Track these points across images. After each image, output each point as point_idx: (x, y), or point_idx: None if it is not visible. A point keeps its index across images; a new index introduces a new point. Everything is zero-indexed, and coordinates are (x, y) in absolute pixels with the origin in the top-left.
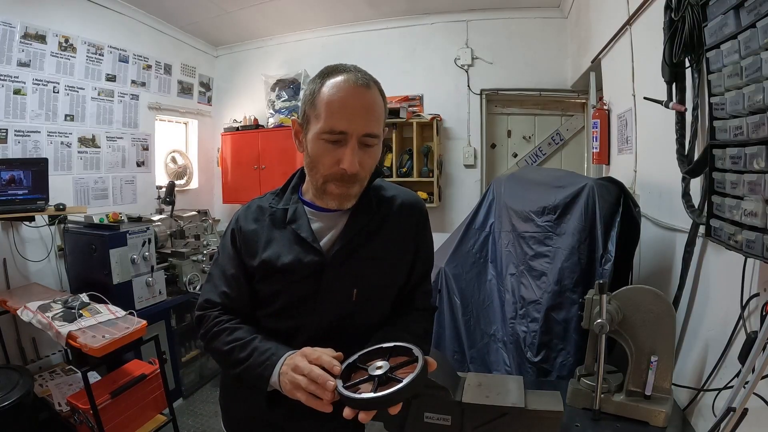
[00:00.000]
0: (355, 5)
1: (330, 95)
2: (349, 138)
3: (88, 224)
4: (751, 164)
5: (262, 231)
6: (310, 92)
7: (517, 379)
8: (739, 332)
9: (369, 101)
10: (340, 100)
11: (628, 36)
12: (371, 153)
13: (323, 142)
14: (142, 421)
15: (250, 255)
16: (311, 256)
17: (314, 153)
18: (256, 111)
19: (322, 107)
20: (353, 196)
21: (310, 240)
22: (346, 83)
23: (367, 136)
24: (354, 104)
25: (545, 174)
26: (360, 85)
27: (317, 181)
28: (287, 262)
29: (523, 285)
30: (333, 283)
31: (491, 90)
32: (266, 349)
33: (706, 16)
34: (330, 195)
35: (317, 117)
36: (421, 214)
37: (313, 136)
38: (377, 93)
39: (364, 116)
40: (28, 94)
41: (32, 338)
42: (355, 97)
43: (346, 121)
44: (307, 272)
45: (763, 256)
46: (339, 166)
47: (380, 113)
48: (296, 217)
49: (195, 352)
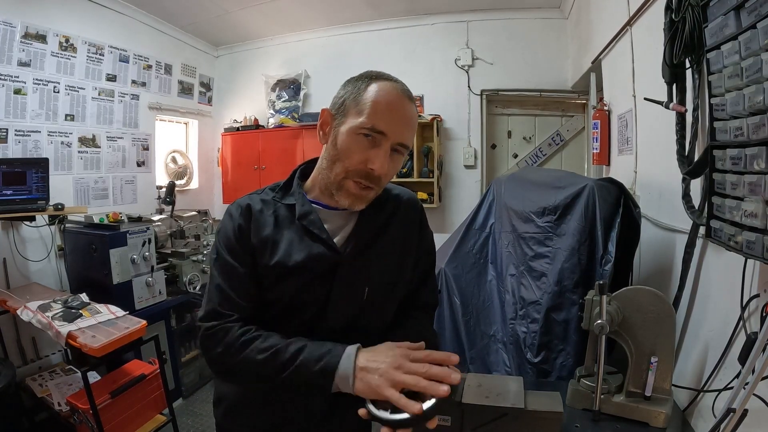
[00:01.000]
0: (356, 5)
1: (378, 95)
2: (386, 140)
3: (88, 224)
4: (752, 165)
5: (269, 228)
6: (355, 88)
7: (517, 379)
8: (739, 333)
9: (411, 113)
10: (388, 103)
11: (628, 37)
12: (397, 162)
13: (359, 137)
14: (142, 421)
15: (261, 254)
16: (326, 254)
17: (344, 146)
18: (257, 111)
19: (368, 104)
20: (367, 200)
21: (324, 237)
22: (395, 90)
23: (400, 144)
24: (399, 111)
25: (545, 174)
26: (406, 96)
27: (337, 175)
28: (299, 260)
29: (523, 285)
30: (346, 282)
31: (491, 90)
32: (320, 344)
33: (707, 17)
34: (346, 192)
35: (359, 112)
36: (421, 211)
37: (349, 130)
38: (415, 108)
39: (405, 125)
40: (28, 94)
41: (32, 338)
42: (401, 104)
43: (388, 123)
44: (320, 271)
45: (764, 257)
46: (366, 165)
47: (415, 127)
48: (307, 213)
49: (195, 352)
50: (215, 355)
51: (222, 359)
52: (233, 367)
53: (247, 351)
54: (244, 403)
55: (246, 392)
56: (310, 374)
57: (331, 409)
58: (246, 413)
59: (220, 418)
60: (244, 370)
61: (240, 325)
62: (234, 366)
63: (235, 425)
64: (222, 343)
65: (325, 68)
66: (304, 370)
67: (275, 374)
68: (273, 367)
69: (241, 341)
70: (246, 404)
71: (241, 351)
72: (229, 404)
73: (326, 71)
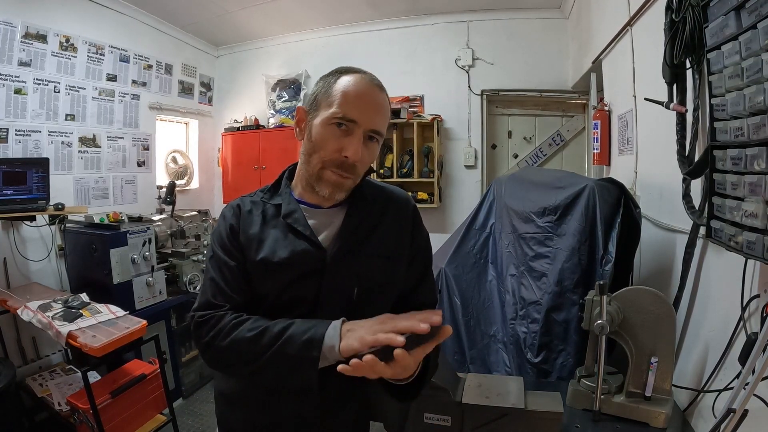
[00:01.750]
0: (356, 5)
1: (347, 85)
2: (358, 128)
3: (89, 224)
4: (752, 165)
5: (256, 227)
6: (325, 83)
7: (517, 379)
8: (740, 333)
9: (381, 100)
10: (356, 92)
11: (628, 37)
12: (372, 150)
13: (331, 128)
14: (142, 420)
15: (248, 252)
16: (309, 251)
17: (318, 138)
18: (257, 111)
19: (338, 94)
20: (346, 188)
21: (308, 234)
22: (363, 80)
23: (373, 131)
24: (368, 98)
25: (546, 175)
26: (375, 84)
27: (314, 167)
28: (284, 257)
29: (524, 286)
30: (334, 283)
31: (492, 90)
32: (308, 321)
33: (707, 17)
34: (325, 182)
35: (329, 104)
36: (414, 209)
37: (322, 121)
38: (387, 97)
39: (376, 112)
40: (28, 94)
41: (32, 338)
42: (371, 92)
43: (358, 111)
44: (306, 269)
45: (764, 257)
46: (341, 154)
47: (387, 115)
48: (291, 211)
49: (195, 352)
50: (208, 339)
51: (213, 342)
52: (223, 350)
53: (237, 331)
54: (242, 399)
55: (245, 388)
56: (298, 346)
57: (327, 406)
58: (245, 409)
59: (219, 414)
60: (234, 350)
61: (232, 313)
62: (224, 349)
63: (235, 421)
64: (214, 329)
65: (325, 68)
66: (291, 342)
67: (264, 351)
68: (261, 344)
69: (231, 324)
70: (244, 400)
71: (232, 332)
72: (226, 399)
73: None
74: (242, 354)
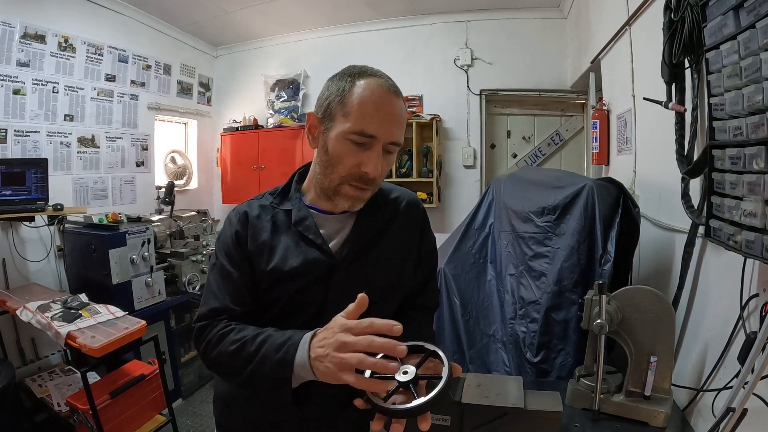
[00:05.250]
0: (355, 5)
1: (363, 96)
2: (377, 143)
3: (88, 224)
4: (751, 165)
5: (266, 234)
6: (339, 89)
7: (517, 379)
8: (739, 333)
9: (399, 109)
10: (374, 104)
11: (627, 36)
12: (390, 160)
13: (349, 143)
14: (142, 421)
15: (257, 260)
16: (321, 259)
17: (336, 152)
18: (256, 111)
19: (354, 107)
20: (365, 199)
21: (319, 242)
22: (380, 87)
23: (392, 143)
24: (386, 110)
25: (545, 174)
26: (392, 92)
27: (332, 181)
28: (296, 266)
29: (523, 285)
30: (342, 287)
31: (491, 90)
32: (282, 333)
33: (706, 16)
34: (344, 196)
35: (346, 116)
36: (422, 212)
37: (338, 135)
38: (403, 103)
39: (394, 124)
40: (27, 94)
41: (31, 338)
42: (388, 103)
43: (377, 125)
44: (315, 276)
45: (763, 256)
46: (360, 169)
47: (405, 122)
48: (302, 219)
49: (194, 353)
50: (201, 350)
51: (205, 353)
52: (213, 361)
53: (221, 344)
54: (239, 400)
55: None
56: (272, 365)
57: (327, 409)
58: (244, 410)
59: (218, 415)
60: (220, 363)
61: (225, 322)
62: (213, 360)
63: (233, 422)
64: (205, 340)
65: (324, 68)
66: (265, 361)
67: (244, 365)
68: (242, 358)
69: (218, 335)
70: (241, 401)
71: (218, 345)
72: (224, 401)
73: (326, 71)
74: (227, 367)
